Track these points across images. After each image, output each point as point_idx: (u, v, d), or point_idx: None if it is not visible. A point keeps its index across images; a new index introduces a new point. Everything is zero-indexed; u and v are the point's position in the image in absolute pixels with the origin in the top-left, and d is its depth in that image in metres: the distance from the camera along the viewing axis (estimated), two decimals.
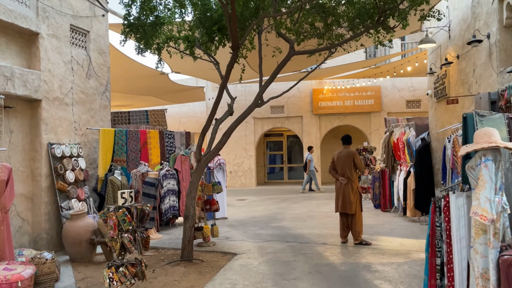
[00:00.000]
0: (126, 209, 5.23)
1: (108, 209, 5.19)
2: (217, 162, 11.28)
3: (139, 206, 5.35)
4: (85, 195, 8.45)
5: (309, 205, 13.77)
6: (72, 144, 8.39)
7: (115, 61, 12.26)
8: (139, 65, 13.70)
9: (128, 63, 13.14)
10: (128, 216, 5.18)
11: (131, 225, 5.15)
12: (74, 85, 8.70)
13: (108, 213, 5.15)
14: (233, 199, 16.05)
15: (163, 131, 10.15)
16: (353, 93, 19.36)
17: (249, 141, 19.96)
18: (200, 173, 7.09)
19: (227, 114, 7.27)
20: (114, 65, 12.78)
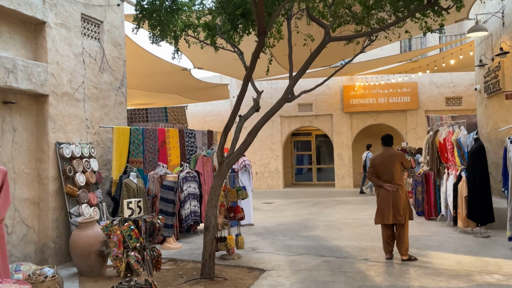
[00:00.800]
0: (133, 222, 4.40)
1: (112, 222, 4.38)
2: (241, 163, 10.42)
3: (149, 218, 4.51)
4: (97, 199, 7.70)
5: (342, 210, 12.77)
6: (83, 144, 7.66)
7: (133, 55, 11.55)
8: (159, 60, 12.97)
9: (147, 57, 12.42)
10: (135, 230, 4.35)
11: (138, 242, 4.33)
12: (86, 80, 7.97)
13: (111, 227, 4.33)
14: (259, 202, 15.18)
15: (183, 129, 9.35)
16: (387, 90, 18.23)
17: (276, 140, 19.06)
18: (222, 177, 6.23)
19: (252, 110, 6.38)
20: (132, 60, 12.07)
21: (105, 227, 4.38)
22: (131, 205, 4.52)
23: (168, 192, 8.18)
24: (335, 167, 18.74)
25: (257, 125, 6.35)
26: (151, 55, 12.41)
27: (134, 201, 4.54)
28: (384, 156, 7.07)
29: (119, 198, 7.97)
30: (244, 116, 6.34)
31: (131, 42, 11.28)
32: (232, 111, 6.32)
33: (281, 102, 6.44)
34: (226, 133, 6.29)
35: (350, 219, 11.22)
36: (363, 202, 14.33)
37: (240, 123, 6.34)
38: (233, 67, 14.63)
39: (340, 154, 18.59)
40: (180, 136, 9.35)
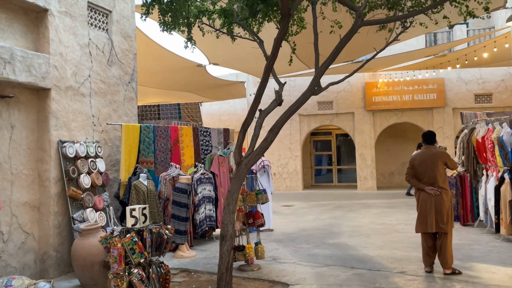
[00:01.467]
0: (137, 233, 3.73)
1: (112, 233, 3.71)
2: (260, 164, 9.73)
3: (155, 228, 3.84)
4: (103, 203, 7.08)
5: (368, 214, 11.97)
6: (89, 143, 7.04)
7: (144, 49, 10.96)
8: (173, 55, 12.37)
9: (160, 52, 11.82)
10: (139, 243, 3.68)
11: (143, 257, 3.65)
12: (93, 73, 7.35)
13: (111, 239, 3.67)
14: (278, 204, 14.46)
15: (198, 127, 8.69)
16: (412, 87, 17.34)
17: (295, 140, 18.32)
18: (240, 180, 5.54)
19: (274, 104, 5.68)
20: (144, 54, 11.49)
21: (104, 239, 3.72)
22: (134, 212, 3.86)
23: (180, 195, 7.52)
24: (357, 168, 17.92)
25: (280, 120, 5.64)
26: (164, 49, 11.81)
27: (138, 208, 3.87)
28: (425, 156, 6.28)
29: (127, 201, 7.35)
30: (265, 110, 5.64)
31: (143, 35, 10.68)
32: (252, 105, 5.62)
33: (307, 94, 5.72)
34: (245, 130, 5.60)
35: (377, 224, 10.43)
36: (389, 206, 13.51)
37: (261, 118, 5.64)
38: (250, 63, 13.95)
39: (363, 154, 17.77)
40: (194, 135, 8.69)
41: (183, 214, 7.55)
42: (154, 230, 3.79)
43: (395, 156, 19.24)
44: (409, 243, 8.15)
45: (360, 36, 7.57)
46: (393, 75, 17.21)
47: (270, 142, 5.52)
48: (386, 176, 19.38)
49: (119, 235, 3.67)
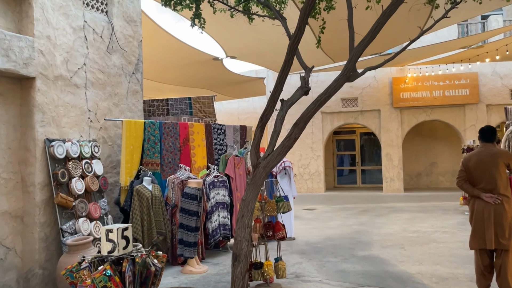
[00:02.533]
0: (114, 263, 2.64)
1: (79, 265, 2.63)
2: (281, 165, 8.59)
3: (140, 257, 2.74)
4: (100, 211, 6.03)
5: (398, 220, 10.71)
6: (83, 141, 6.00)
7: (156, 41, 9.92)
8: (187, 47, 11.31)
9: (173, 44, 10.77)
10: (115, 279, 2.58)
11: None
12: (89, 61, 6.32)
13: (77, 273, 2.58)
14: (300, 208, 13.29)
15: (211, 124, 7.60)
16: (442, 82, 15.96)
17: (317, 139, 17.10)
18: (257, 186, 4.42)
19: (299, 93, 4.54)
20: (156, 46, 10.46)
21: (68, 272, 2.65)
22: (111, 235, 2.77)
23: (189, 202, 6.42)
24: (383, 168, 16.61)
25: (306, 113, 4.49)
26: (177, 40, 10.76)
27: (117, 228, 2.79)
28: (482, 156, 5.01)
29: (129, 209, 6.29)
30: (289, 100, 4.49)
31: (153, 25, 9.64)
32: (272, 94, 4.48)
33: (341, 80, 4.56)
34: (263, 125, 4.47)
35: (410, 232, 9.18)
36: (419, 210, 12.21)
37: (283, 110, 4.51)
38: (270, 57, 12.82)
39: (389, 154, 16.45)
40: (206, 132, 7.60)
41: (193, 223, 6.45)
42: (137, 259, 2.71)
43: (423, 156, 17.87)
44: (451, 256, 6.92)
45: (392, 23, 6.39)
46: (423, 69, 15.85)
47: (295, 139, 4.38)
48: (413, 177, 18.02)
49: (88, 267, 2.61)
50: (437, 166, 17.75)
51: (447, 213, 11.51)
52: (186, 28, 12.11)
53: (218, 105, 23.28)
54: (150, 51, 10.51)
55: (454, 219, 10.65)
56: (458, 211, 11.76)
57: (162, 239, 6.46)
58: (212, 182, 7.21)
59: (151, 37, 10.11)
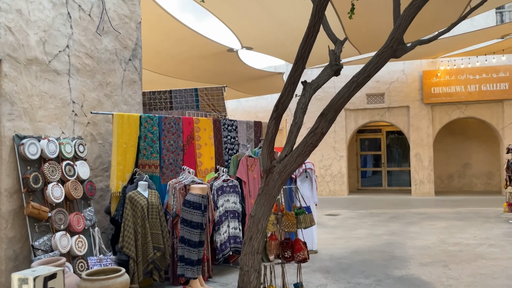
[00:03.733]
0: None
1: None
2: (302, 167, 7.46)
3: None
4: (85, 223, 5.01)
5: (434, 229, 9.45)
6: (65, 139, 4.99)
7: (161, 28, 8.90)
8: (199, 36, 10.25)
9: (184, 33, 9.72)
10: None
11: None
12: (73, 43, 5.30)
13: None
14: (322, 213, 12.12)
15: (220, 119, 6.51)
16: (479, 75, 14.55)
17: (340, 138, 15.87)
18: (271, 197, 3.32)
19: (328, 72, 3.42)
20: (162, 36, 9.43)
21: None
22: (26, 287, 1.71)
23: (192, 211, 5.34)
24: (411, 170, 15.29)
25: (338, 99, 3.37)
26: (188, 29, 9.71)
27: (34, 278, 1.72)
28: None
29: (120, 220, 5.26)
30: (314, 83, 3.37)
31: (161, 11, 8.60)
32: (290, 75, 3.35)
33: (386, 54, 3.42)
34: (279, 115, 3.37)
35: (451, 244, 7.94)
36: (456, 217, 10.91)
37: (305, 96, 3.38)
38: (290, 48, 11.65)
39: (418, 154, 15.12)
40: (215, 129, 6.52)
41: (196, 238, 5.37)
42: None
43: (454, 156, 16.47)
44: (507, 278, 5.69)
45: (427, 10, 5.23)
46: (457, 61, 14.47)
47: (321, 135, 3.26)
48: (444, 180, 16.64)
49: None
50: (471, 168, 16.34)
51: (488, 221, 10.20)
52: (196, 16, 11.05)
53: (235, 102, 22.25)
54: (155, 39, 9.50)
55: (499, 228, 9.34)
56: (501, 219, 10.43)
57: (160, 256, 5.41)
58: (220, 187, 6.13)
59: (156, 26, 9.11)
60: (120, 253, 5.16)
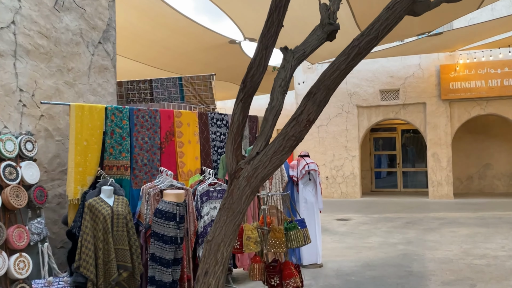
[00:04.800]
0: None
1: None
2: (303, 168, 6.37)
3: None
4: (29, 238, 4.00)
5: (455, 237, 8.25)
6: (6, 135, 3.99)
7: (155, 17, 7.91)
8: (198, 26, 9.24)
9: (178, 20, 8.72)
10: None
11: None
12: (22, 19, 4.30)
13: None
14: (331, 218, 11.00)
15: (207, 113, 5.46)
16: (500, 69, 13.24)
17: (352, 137, 14.69)
18: (236, 214, 2.23)
19: (319, 35, 2.31)
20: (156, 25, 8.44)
21: None
22: None
23: (164, 223, 4.30)
24: (428, 170, 14.03)
25: (332, 70, 2.26)
26: (184, 18, 8.71)
27: None
28: None
29: (78, 232, 4.24)
30: (298, 50, 2.29)
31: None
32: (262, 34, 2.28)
33: (399, 5, 2.29)
34: (247, 96, 2.31)
35: (477, 256, 6.76)
36: (479, 222, 9.67)
37: (286, 69, 2.30)
38: (296, 38, 10.56)
39: (436, 154, 13.86)
40: (201, 124, 5.47)
41: (169, 255, 4.32)
42: None
43: (474, 156, 15.15)
44: None
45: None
46: (477, 54, 13.18)
47: (308, 123, 2.18)
48: (463, 181, 15.33)
49: None
50: (492, 168, 14.99)
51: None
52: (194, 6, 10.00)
53: None
54: (148, 28, 8.52)
55: None
56: None
57: (127, 276, 4.37)
58: (206, 193, 5.07)
59: (147, 10, 8.13)
60: (77, 274, 4.14)
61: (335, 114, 14.69)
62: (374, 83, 14.29)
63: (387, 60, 14.03)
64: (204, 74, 5.67)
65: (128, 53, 9.65)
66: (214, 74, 5.71)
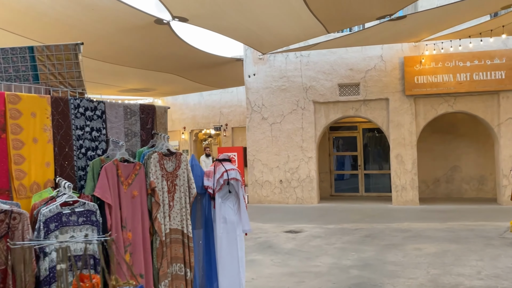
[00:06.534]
0: None
1: None
2: (221, 177, 4.68)
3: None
4: None
5: (421, 257, 6.74)
6: None
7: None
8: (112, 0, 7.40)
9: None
10: None
11: None
12: None
13: None
14: (279, 229, 9.41)
15: (69, 98, 3.66)
16: (470, 62, 11.96)
17: (308, 136, 13.13)
18: None
19: None
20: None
21: None
22: None
23: None
24: (392, 173, 12.63)
25: None
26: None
27: None
28: None
29: None
30: None
31: None
32: None
33: None
34: None
35: (449, 285, 5.26)
36: (449, 236, 8.25)
37: None
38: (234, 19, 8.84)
39: (400, 155, 12.48)
40: (57, 115, 3.68)
41: None
42: None
43: (441, 158, 13.87)
44: None
45: None
46: (445, 44, 11.84)
47: None
48: (429, 185, 14.03)
49: None
50: (460, 171, 13.74)
51: (491, 244, 7.57)
52: None
53: (197, 96, 19.46)
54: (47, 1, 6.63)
55: (507, 256, 6.71)
56: (507, 241, 7.80)
57: None
58: (56, 217, 3.31)
59: None
60: None
61: (289, 111, 13.11)
62: (332, 76, 12.78)
63: (346, 50, 12.55)
64: (69, 43, 3.91)
65: (25, 31, 7.75)
66: (82, 43, 3.96)
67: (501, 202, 11.80)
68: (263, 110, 13.35)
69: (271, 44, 11.14)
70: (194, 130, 19.93)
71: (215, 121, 19.17)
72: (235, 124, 18.69)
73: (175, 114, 19.76)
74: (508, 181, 11.56)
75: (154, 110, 4.48)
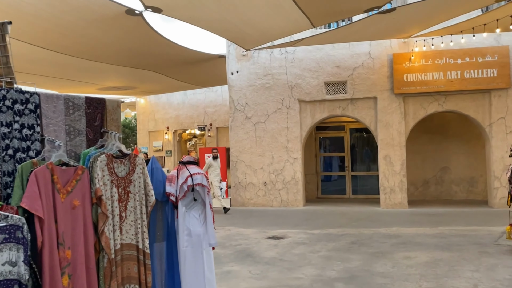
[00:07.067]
0: None
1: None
2: (185, 182, 4.02)
3: None
4: None
5: (411, 267, 6.12)
6: None
7: None
8: None
9: None
10: None
11: None
12: None
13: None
14: (261, 235, 8.77)
15: None
16: (461, 59, 11.43)
17: (293, 136, 12.50)
18: None
19: None
20: None
21: None
22: None
23: None
24: (380, 175, 12.06)
25: None
26: None
27: None
28: None
29: None
30: None
31: None
32: None
33: None
34: None
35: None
36: (441, 243, 7.66)
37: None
38: (212, 8, 8.15)
39: (388, 156, 11.90)
40: None
41: None
42: None
43: (430, 159, 13.34)
44: None
45: None
46: (435, 41, 11.29)
47: None
48: (418, 187, 13.48)
49: None
50: (450, 173, 13.22)
51: (486, 252, 6.98)
52: None
53: (181, 95, 18.74)
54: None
55: (506, 267, 6.12)
56: (503, 248, 7.23)
57: None
58: None
59: None
60: None
61: (274, 110, 12.47)
62: (318, 74, 12.17)
63: (333, 47, 11.95)
64: None
65: None
66: (10, 22, 3.29)
67: (492, 205, 11.29)
68: (247, 109, 12.70)
69: (255, 39, 10.49)
70: (178, 130, 19.21)
71: (200, 120, 18.47)
72: (220, 124, 18.00)
73: (158, 114, 19.02)
74: (499, 183, 11.05)
75: (104, 104, 3.80)
